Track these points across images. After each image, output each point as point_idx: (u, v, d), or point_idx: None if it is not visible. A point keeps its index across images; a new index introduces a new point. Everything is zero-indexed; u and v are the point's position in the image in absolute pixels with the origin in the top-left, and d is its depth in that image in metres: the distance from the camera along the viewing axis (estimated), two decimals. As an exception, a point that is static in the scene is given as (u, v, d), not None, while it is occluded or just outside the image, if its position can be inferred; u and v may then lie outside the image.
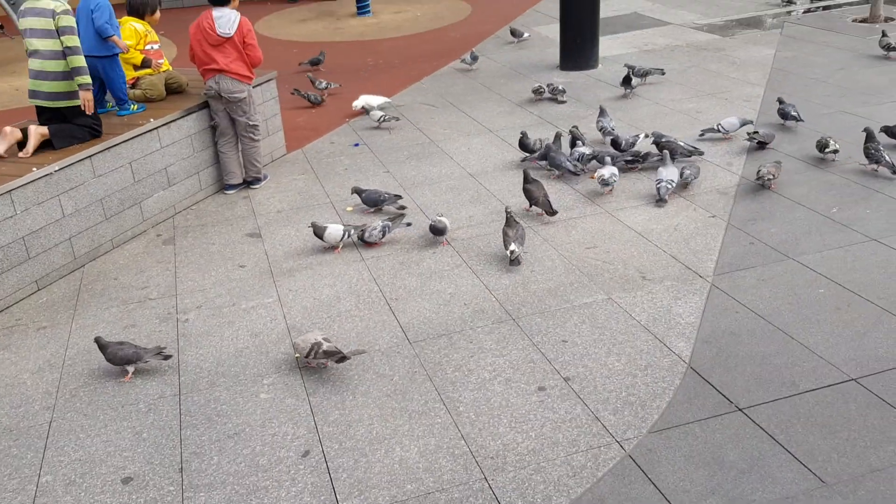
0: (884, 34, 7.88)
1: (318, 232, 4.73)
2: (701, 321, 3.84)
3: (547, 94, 7.25)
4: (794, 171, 5.40)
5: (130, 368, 3.72)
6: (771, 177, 5.11)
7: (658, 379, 3.46)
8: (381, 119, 6.64)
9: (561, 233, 4.83)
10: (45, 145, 4.83)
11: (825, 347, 3.58)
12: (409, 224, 4.94)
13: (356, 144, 6.59)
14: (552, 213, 4.95)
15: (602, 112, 6.22)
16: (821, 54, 8.07)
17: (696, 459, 3.00)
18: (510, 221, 4.55)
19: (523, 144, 5.85)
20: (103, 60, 5.29)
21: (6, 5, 10.31)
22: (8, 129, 4.87)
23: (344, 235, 4.74)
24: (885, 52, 7.81)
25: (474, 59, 7.16)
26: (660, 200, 5.08)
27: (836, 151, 5.48)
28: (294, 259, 4.77)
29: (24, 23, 4.82)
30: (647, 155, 5.60)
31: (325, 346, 3.61)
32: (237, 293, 4.43)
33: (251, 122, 5.69)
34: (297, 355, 3.71)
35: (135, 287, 4.58)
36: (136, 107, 5.50)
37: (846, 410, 3.19)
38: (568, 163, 5.49)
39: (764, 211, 4.91)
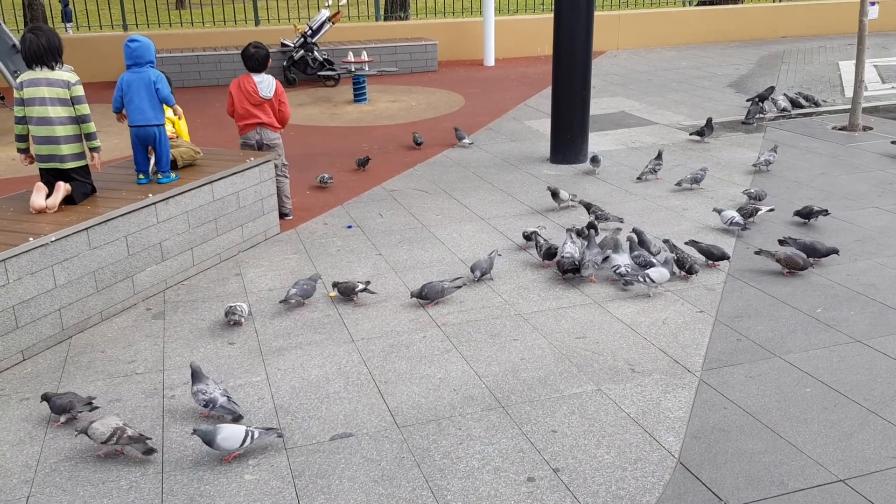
0: (655, 167, 7.69)
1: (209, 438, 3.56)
2: (690, 416, 3.86)
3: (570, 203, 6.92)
4: (779, 269, 5.51)
5: (62, 418, 3.90)
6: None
7: (647, 473, 3.44)
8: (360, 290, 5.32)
9: (551, 321, 4.87)
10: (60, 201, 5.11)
11: (813, 447, 3.60)
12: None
13: (349, 227, 6.67)
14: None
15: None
16: (802, 159, 8.34)
17: (686, 557, 2.96)
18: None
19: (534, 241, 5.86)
20: (161, 128, 5.56)
21: (7, 75, 10.49)
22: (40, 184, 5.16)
23: (246, 438, 3.59)
24: (592, 167, 8.04)
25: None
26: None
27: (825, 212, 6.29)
28: (284, 338, 4.76)
29: (33, 92, 4.99)
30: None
31: (130, 431, 3.57)
32: (225, 370, 4.41)
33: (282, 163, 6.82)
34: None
35: (122, 360, 4.54)
36: (174, 174, 5.73)
37: (835, 512, 3.19)
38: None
39: (750, 308, 4.98)
